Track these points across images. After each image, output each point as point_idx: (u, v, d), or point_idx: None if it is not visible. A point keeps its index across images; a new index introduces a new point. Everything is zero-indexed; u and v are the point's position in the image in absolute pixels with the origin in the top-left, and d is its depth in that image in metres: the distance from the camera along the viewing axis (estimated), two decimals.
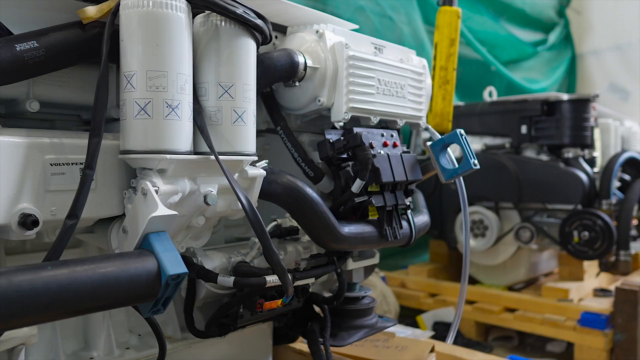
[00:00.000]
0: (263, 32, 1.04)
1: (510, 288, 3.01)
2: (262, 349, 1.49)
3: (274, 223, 1.23)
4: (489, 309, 2.71)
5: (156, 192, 0.89)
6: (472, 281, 3.11)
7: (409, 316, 3.04)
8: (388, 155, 1.28)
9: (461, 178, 1.51)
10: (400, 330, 2.05)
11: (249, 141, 1.03)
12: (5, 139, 0.82)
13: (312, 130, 1.41)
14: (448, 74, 1.91)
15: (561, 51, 5.58)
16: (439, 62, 1.91)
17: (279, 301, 1.11)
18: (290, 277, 1.15)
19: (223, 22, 0.98)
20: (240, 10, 0.97)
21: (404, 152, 1.38)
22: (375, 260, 1.46)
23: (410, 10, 3.82)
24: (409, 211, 1.40)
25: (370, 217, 1.29)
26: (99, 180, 0.94)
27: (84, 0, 0.95)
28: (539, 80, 5.18)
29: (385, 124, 1.43)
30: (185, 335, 1.25)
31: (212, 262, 1.18)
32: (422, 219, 1.49)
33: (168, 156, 0.90)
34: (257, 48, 1.07)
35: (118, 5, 0.91)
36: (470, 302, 2.86)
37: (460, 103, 3.19)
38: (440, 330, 2.79)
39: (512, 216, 2.84)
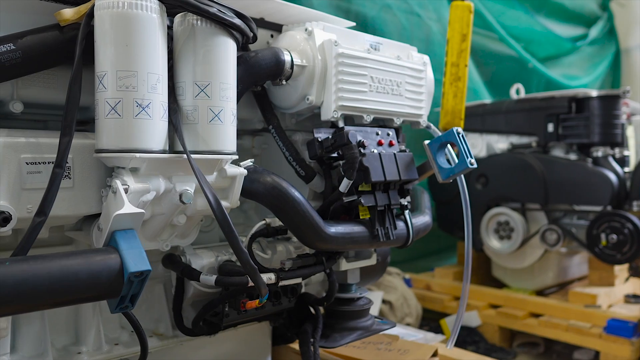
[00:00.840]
0: (242, 31, 1.04)
1: (540, 293, 2.90)
2: (260, 348, 1.49)
3: (263, 222, 1.22)
4: (513, 313, 2.62)
5: (126, 190, 0.90)
6: (500, 285, 3.02)
7: (433, 319, 2.98)
8: (380, 154, 1.26)
9: (462, 177, 1.46)
10: (412, 334, 2.01)
11: (227, 140, 1.03)
12: None
13: (308, 129, 1.39)
14: (459, 70, 1.86)
15: (604, 46, 5.34)
16: (450, 58, 1.86)
17: (257, 301, 1.11)
18: (274, 276, 1.15)
19: (199, 22, 0.99)
20: (214, 9, 0.97)
21: (400, 151, 1.35)
22: (372, 261, 1.44)
23: (440, 7, 3.73)
24: (406, 211, 1.37)
25: (361, 217, 1.26)
26: (77, 178, 0.96)
27: (63, 3, 0.97)
28: (580, 77, 4.98)
29: (382, 122, 1.40)
30: (177, 333, 1.26)
31: (201, 260, 1.19)
32: (422, 219, 1.45)
33: (138, 155, 0.91)
34: (238, 47, 1.07)
35: (93, 6, 0.93)
36: (494, 306, 2.77)
37: (487, 101, 3.10)
38: (463, 335, 2.72)
39: (539, 218, 2.73)
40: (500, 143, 2.92)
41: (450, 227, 3.11)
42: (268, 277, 1.14)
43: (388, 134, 1.35)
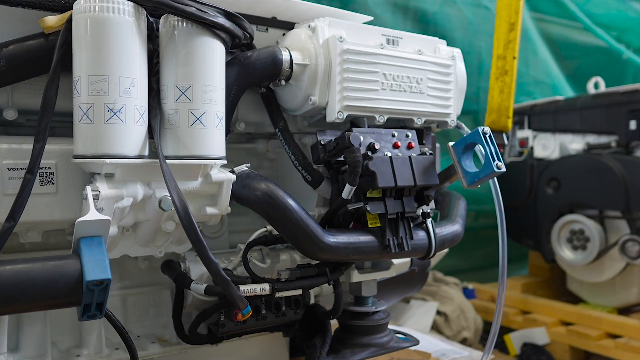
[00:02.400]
0: (227, 30, 0.99)
1: (624, 310, 2.59)
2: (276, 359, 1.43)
3: (264, 229, 1.17)
4: (587, 333, 2.35)
5: (97, 196, 0.89)
6: (576, 300, 2.74)
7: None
8: (391, 157, 1.15)
9: (496, 182, 1.31)
10: (457, 351, 1.85)
11: (211, 144, 0.99)
12: None
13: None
14: (507, 63, 1.69)
15: None
16: (496, 50, 1.70)
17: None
18: (268, 287, 1.10)
19: (179, 22, 0.96)
20: (192, 9, 0.94)
21: (421, 153, 1.23)
22: (391, 272, 1.33)
23: None
24: (428, 220, 1.25)
25: (369, 226, 1.17)
26: (61, 184, 0.96)
27: (49, 10, 0.98)
28: None
29: (402, 122, 1.30)
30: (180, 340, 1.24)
31: (200, 267, 1.16)
32: (449, 228, 1.32)
33: (108, 160, 0.89)
34: (227, 48, 1.03)
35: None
36: (566, 324, 2.51)
37: (560, 97, 2.82)
38: (528, 353, 2.49)
39: (620, 227, 2.44)
40: (575, 143, 2.65)
41: (519, 235, 2.88)
42: (262, 288, 1.09)
43: (407, 136, 1.25)
